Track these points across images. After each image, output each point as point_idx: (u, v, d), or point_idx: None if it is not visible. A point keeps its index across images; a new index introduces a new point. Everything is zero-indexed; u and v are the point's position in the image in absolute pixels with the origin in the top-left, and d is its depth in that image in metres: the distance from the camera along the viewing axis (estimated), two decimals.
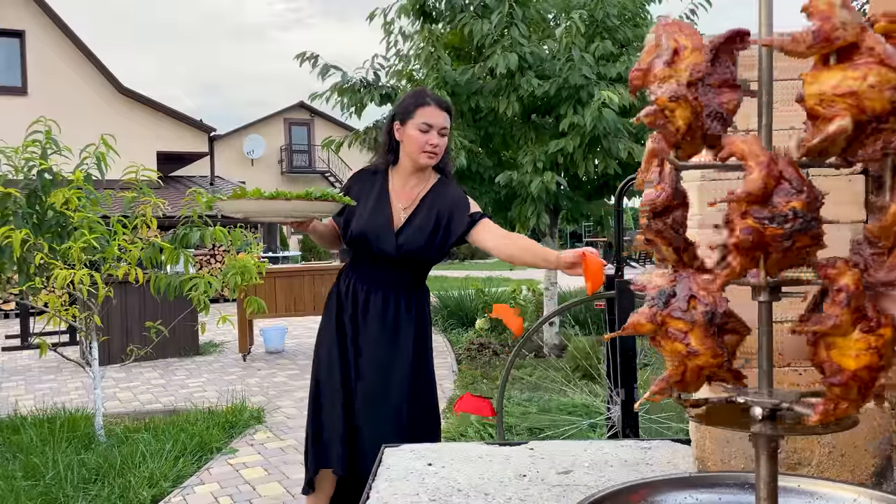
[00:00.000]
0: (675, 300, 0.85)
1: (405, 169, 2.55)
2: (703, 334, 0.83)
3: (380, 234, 2.49)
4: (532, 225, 7.42)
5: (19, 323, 9.98)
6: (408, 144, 2.50)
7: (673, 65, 0.82)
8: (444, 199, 2.55)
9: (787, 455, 1.20)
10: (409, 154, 2.51)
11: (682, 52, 0.82)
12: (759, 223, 0.76)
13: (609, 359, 3.34)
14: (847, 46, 0.72)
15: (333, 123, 29.15)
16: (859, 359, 0.76)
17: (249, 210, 2.20)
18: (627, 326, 0.88)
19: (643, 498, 1.08)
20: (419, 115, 2.48)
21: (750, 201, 0.76)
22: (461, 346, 8.69)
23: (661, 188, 0.89)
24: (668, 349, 0.86)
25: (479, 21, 7.10)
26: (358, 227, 2.49)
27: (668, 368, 0.88)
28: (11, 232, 4.42)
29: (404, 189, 2.56)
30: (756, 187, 0.76)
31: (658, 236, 0.89)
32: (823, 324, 0.77)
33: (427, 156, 2.48)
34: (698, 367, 0.86)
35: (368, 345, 2.54)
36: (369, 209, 2.52)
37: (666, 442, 1.58)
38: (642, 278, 0.90)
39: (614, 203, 3.77)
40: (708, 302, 0.84)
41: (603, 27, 7.46)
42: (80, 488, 4.14)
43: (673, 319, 0.85)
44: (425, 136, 2.47)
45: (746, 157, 0.78)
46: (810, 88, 0.74)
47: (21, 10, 16.35)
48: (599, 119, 6.58)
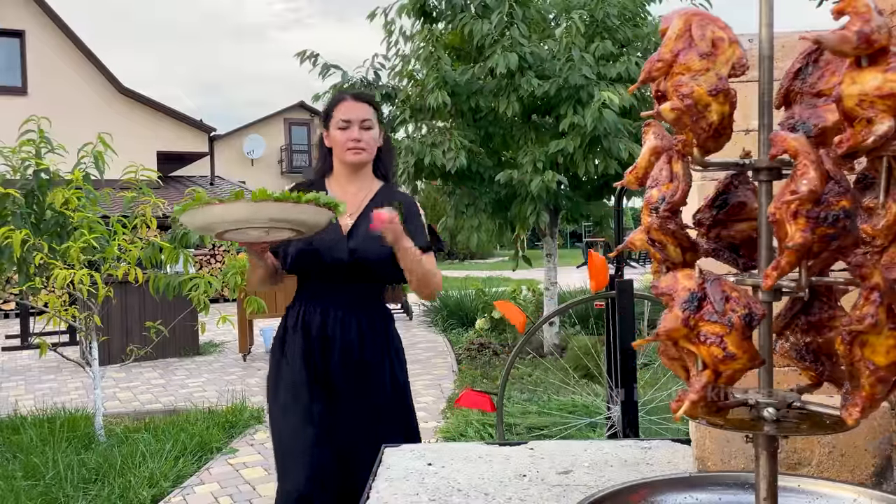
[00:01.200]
0: (709, 303, 0.81)
1: (341, 175, 2.36)
2: (741, 338, 0.81)
3: (331, 243, 2.23)
4: (532, 225, 7.42)
5: (19, 323, 9.98)
6: (334, 147, 2.34)
7: (710, 57, 0.79)
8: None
9: (787, 455, 1.20)
10: (338, 157, 2.35)
11: (721, 45, 0.79)
12: (812, 222, 0.75)
13: (609, 358, 3.34)
14: (879, 50, 0.72)
15: None
16: (889, 355, 0.77)
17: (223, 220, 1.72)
18: (661, 333, 0.83)
19: (643, 498, 1.08)
20: (337, 113, 2.32)
21: (804, 200, 0.74)
22: (461, 346, 8.69)
23: (673, 187, 0.85)
24: (703, 354, 0.82)
25: (479, 21, 7.10)
26: (305, 240, 2.13)
27: (703, 374, 0.83)
28: (11, 232, 4.42)
29: (345, 196, 2.30)
30: (816, 186, 0.74)
31: (669, 236, 0.86)
32: (862, 323, 0.77)
33: (352, 152, 2.29)
34: (734, 372, 0.83)
35: (337, 385, 2.24)
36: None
37: (666, 442, 1.58)
38: (667, 281, 0.85)
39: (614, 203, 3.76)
40: (745, 304, 0.82)
41: (603, 27, 7.46)
42: (80, 488, 4.14)
43: (708, 323, 0.81)
44: (346, 133, 2.29)
45: (799, 154, 0.76)
46: (850, 89, 0.73)
47: (21, 9, 16.34)
48: (600, 119, 6.58)
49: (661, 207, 0.84)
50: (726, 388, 0.93)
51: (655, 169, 0.87)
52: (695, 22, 0.80)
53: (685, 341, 0.83)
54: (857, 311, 0.77)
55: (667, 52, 0.80)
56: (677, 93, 0.79)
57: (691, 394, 0.83)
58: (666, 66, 0.80)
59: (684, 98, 0.79)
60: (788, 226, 0.76)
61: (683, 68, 0.79)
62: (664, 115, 0.81)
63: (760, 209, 0.87)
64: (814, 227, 0.75)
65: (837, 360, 0.92)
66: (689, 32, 0.79)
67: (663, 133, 0.86)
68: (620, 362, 3.00)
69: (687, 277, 0.84)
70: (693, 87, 0.78)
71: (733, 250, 0.95)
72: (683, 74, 0.79)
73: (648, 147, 0.87)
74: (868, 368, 0.78)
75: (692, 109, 0.79)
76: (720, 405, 0.89)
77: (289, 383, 2.26)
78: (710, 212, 0.95)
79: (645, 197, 0.87)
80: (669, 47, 0.80)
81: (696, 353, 0.83)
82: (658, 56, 0.81)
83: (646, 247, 0.90)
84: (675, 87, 0.79)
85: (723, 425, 0.88)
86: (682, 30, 0.80)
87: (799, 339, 0.90)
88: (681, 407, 0.85)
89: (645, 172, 0.88)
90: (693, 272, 0.85)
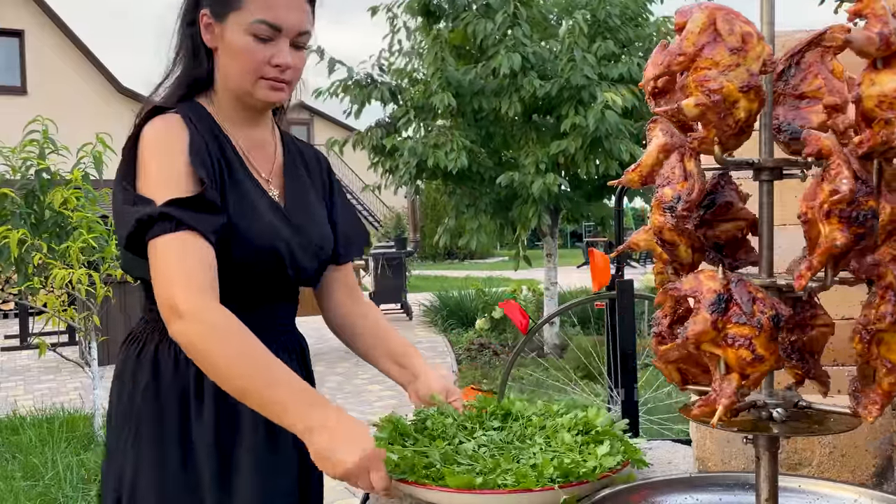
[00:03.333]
0: (735, 305, 0.80)
1: (233, 110, 1.38)
2: (768, 339, 0.80)
3: (297, 238, 1.39)
4: (533, 225, 7.42)
5: (18, 323, 9.98)
6: (232, 63, 1.31)
7: (740, 52, 0.76)
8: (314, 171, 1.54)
9: (787, 455, 1.20)
10: (231, 79, 1.33)
11: (750, 40, 0.77)
12: (846, 222, 0.74)
13: (609, 358, 3.34)
14: (894, 52, 0.72)
15: (333, 123, 29.11)
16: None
17: None
18: (690, 337, 0.80)
19: (644, 498, 1.07)
20: (253, 5, 1.28)
21: (844, 200, 0.73)
22: (461, 347, 8.69)
23: (688, 185, 0.81)
24: (729, 357, 0.80)
25: (482, 21, 7.10)
26: (260, 234, 1.33)
27: (732, 378, 0.81)
28: (9, 232, 4.41)
29: (253, 151, 1.42)
30: (854, 185, 0.73)
31: (684, 237, 0.83)
32: (882, 322, 0.77)
33: (270, 86, 1.32)
34: (760, 375, 0.81)
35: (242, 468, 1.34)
36: (248, 201, 1.35)
37: (666, 442, 1.57)
38: (691, 282, 0.82)
39: (615, 203, 3.76)
40: (771, 305, 0.81)
41: (605, 27, 7.46)
42: (79, 488, 4.13)
43: (736, 325, 0.79)
44: (266, 49, 1.29)
45: (833, 154, 0.75)
46: (870, 91, 0.73)
47: (20, 9, 16.35)
48: (602, 120, 6.58)
49: (677, 207, 0.81)
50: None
51: (666, 167, 0.83)
52: (720, 16, 0.77)
53: (710, 344, 0.81)
54: (873, 311, 0.77)
55: (689, 45, 0.77)
56: (702, 88, 0.76)
57: (723, 399, 0.81)
58: (688, 60, 0.77)
59: (712, 94, 0.75)
60: (822, 226, 0.75)
61: (710, 63, 0.76)
62: (686, 111, 0.77)
63: (761, 209, 0.87)
64: (847, 226, 0.74)
65: (819, 358, 0.92)
66: (714, 26, 0.76)
67: (672, 130, 0.83)
68: (620, 362, 2.99)
69: (710, 278, 0.81)
70: (723, 82, 0.75)
71: (717, 250, 0.95)
72: (710, 69, 0.76)
73: (657, 144, 0.84)
74: (885, 366, 0.78)
75: (720, 105, 0.76)
76: (737, 407, 0.88)
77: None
78: (696, 212, 0.94)
79: (656, 196, 0.83)
80: (692, 41, 0.76)
81: (722, 356, 0.81)
82: (679, 49, 0.77)
83: (650, 247, 0.87)
84: (701, 82, 0.76)
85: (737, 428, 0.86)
86: (705, 23, 0.76)
87: (784, 337, 0.89)
88: (704, 412, 0.83)
89: (650, 170, 0.85)
90: (715, 272, 0.82)
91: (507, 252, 11.00)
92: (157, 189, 1.25)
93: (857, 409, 0.82)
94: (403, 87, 7.78)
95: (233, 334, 1.19)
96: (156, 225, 1.22)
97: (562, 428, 1.36)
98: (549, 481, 1.12)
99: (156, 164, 1.28)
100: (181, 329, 1.19)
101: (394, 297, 11.26)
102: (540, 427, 1.38)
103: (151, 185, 1.26)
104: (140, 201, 1.26)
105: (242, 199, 1.35)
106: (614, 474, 1.18)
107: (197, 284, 1.20)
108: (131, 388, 1.38)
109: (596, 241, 20.65)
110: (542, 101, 7.25)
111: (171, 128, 1.31)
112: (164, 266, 1.22)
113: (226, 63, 1.34)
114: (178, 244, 1.22)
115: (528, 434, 1.36)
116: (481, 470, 1.17)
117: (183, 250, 1.21)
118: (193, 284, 1.20)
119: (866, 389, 0.82)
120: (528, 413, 1.45)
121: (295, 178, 1.47)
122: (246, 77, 1.32)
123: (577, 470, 1.14)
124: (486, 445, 1.31)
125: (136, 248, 1.26)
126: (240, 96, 1.36)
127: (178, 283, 1.19)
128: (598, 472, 1.15)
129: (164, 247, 1.22)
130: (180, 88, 1.39)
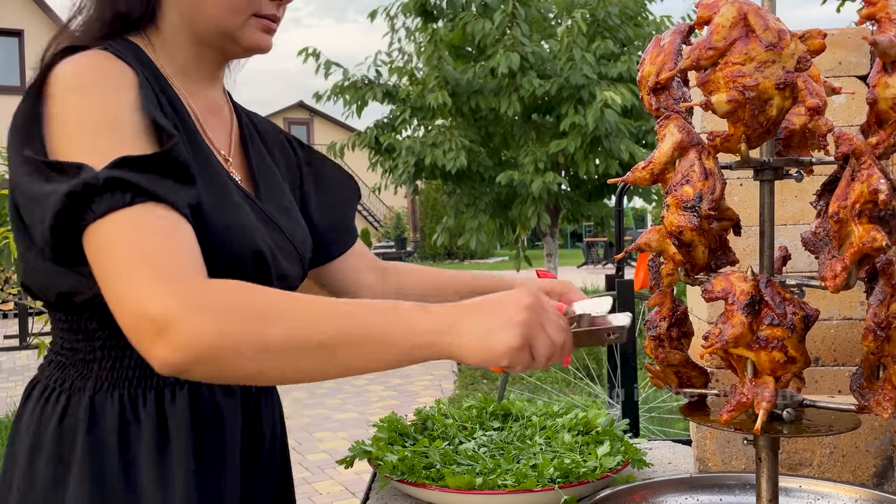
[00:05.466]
0: (767, 306, 0.78)
1: (182, 54, 0.99)
2: (799, 340, 0.79)
3: (276, 238, 1.01)
4: (532, 225, 7.42)
5: (18, 323, 9.98)
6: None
7: (776, 49, 0.74)
8: (276, 150, 1.16)
9: (787, 456, 1.20)
10: (205, 15, 0.95)
11: (784, 37, 0.75)
12: (876, 222, 0.73)
13: (609, 359, 3.33)
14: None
15: (333, 123, 29.13)
16: None
17: None
18: (730, 341, 0.78)
19: (644, 498, 1.07)
20: None
21: (881, 200, 0.72)
22: None
23: (710, 184, 0.79)
24: (762, 359, 0.79)
25: (480, 20, 7.11)
26: (241, 232, 0.93)
27: (768, 380, 0.80)
28: (9, 233, 4.42)
29: (209, 115, 1.03)
30: (890, 185, 0.72)
31: (705, 237, 0.81)
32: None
33: (264, 26, 0.98)
34: (791, 376, 0.80)
35: None
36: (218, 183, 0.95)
37: (666, 442, 1.57)
38: (722, 283, 0.80)
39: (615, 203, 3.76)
40: (800, 305, 0.79)
41: (604, 26, 7.47)
42: None
43: (769, 327, 0.78)
44: None
45: (864, 154, 0.74)
46: (885, 93, 0.74)
47: (20, 9, 16.35)
48: (601, 119, 6.59)
49: (701, 206, 0.78)
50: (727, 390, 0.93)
51: (684, 164, 0.80)
52: (752, 11, 0.74)
53: (742, 348, 0.79)
54: (883, 308, 0.77)
55: (720, 39, 0.74)
56: (736, 84, 0.74)
57: (763, 403, 0.79)
58: (717, 54, 0.75)
59: (747, 90, 0.73)
60: (854, 226, 0.74)
61: (744, 58, 0.73)
62: (717, 108, 0.75)
63: (763, 209, 0.87)
64: (881, 226, 0.74)
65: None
66: (745, 21, 0.74)
67: (688, 127, 0.81)
68: (620, 362, 2.99)
69: (741, 279, 0.80)
70: (758, 78, 0.73)
71: None
72: (744, 65, 0.73)
73: (673, 141, 0.80)
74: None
75: (755, 102, 0.74)
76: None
77: None
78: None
79: (674, 194, 0.79)
80: (722, 35, 0.74)
81: (753, 359, 0.79)
82: (709, 43, 0.74)
83: (663, 247, 0.85)
84: (734, 77, 0.74)
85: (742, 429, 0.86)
86: (735, 18, 0.74)
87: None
88: (734, 416, 0.82)
89: (662, 168, 0.82)
90: (744, 273, 0.81)
91: (507, 252, 10.98)
92: (90, 148, 0.79)
93: (869, 406, 0.82)
94: (402, 86, 7.79)
95: (255, 296, 0.76)
96: (97, 199, 0.76)
97: (562, 428, 1.36)
98: (549, 481, 1.12)
99: (83, 113, 0.82)
100: (176, 345, 0.72)
101: None
102: (540, 427, 1.38)
103: (77, 144, 0.80)
104: (61, 170, 0.79)
105: (212, 181, 0.92)
106: (614, 474, 1.17)
107: (171, 269, 0.75)
108: (48, 476, 0.89)
109: (596, 242, 20.64)
110: (542, 100, 7.25)
111: (102, 63, 0.86)
112: (117, 258, 0.75)
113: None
114: (135, 221, 0.77)
115: (528, 434, 1.36)
116: (481, 470, 1.17)
117: (145, 228, 0.77)
118: (166, 271, 0.74)
119: (874, 386, 0.81)
120: (528, 413, 1.45)
121: (260, 159, 1.09)
122: (236, 12, 0.95)
123: (577, 470, 1.14)
124: (486, 446, 1.31)
125: (63, 243, 0.79)
126: (211, 40, 0.97)
127: (142, 277, 0.74)
128: (598, 472, 1.14)
129: (113, 229, 0.76)
130: (101, 26, 0.94)
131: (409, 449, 1.27)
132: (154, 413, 0.90)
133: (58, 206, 0.76)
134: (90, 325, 0.91)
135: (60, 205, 0.76)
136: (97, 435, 0.88)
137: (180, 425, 0.90)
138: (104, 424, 0.89)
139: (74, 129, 0.81)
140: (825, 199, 0.88)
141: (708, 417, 0.92)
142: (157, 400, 0.90)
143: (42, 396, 0.94)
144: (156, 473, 0.88)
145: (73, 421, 0.89)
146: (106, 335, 0.91)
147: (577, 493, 1.12)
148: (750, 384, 0.81)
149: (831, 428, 0.85)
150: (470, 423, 1.42)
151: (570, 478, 1.13)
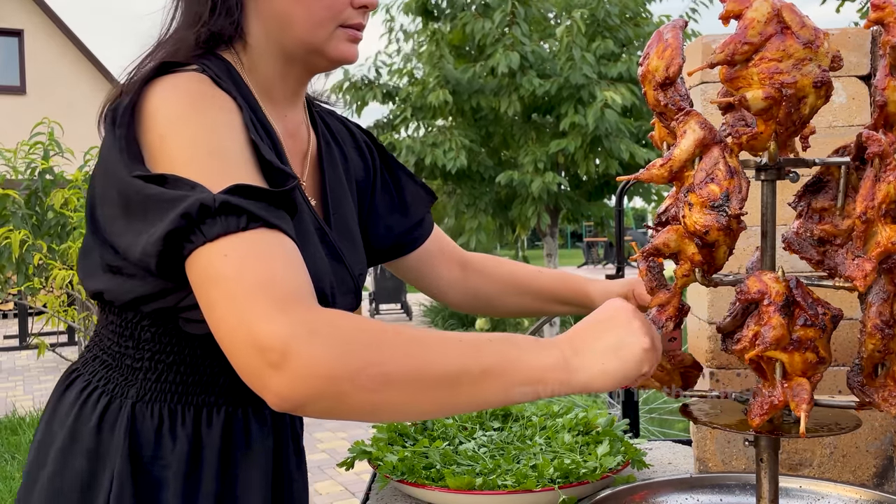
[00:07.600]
0: (798, 307, 0.77)
1: (269, 71, 0.97)
2: (827, 340, 0.78)
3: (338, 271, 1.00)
4: (532, 225, 7.43)
5: (18, 323, 9.98)
6: (293, 3, 0.92)
7: (812, 46, 0.73)
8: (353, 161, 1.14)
9: (788, 456, 1.20)
10: (294, 29, 0.93)
11: (819, 35, 0.74)
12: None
13: None
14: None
15: None
16: None
17: None
18: (771, 344, 0.76)
19: (644, 499, 1.07)
20: None
21: (892, 201, 0.72)
22: None
23: (736, 182, 0.77)
24: (794, 360, 0.77)
25: (480, 20, 7.11)
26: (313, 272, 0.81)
27: (803, 382, 0.78)
28: (10, 233, 4.42)
29: (287, 134, 1.01)
30: None
31: (730, 237, 0.79)
32: None
33: (351, 36, 0.95)
34: (819, 377, 0.79)
35: None
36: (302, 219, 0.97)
37: (666, 442, 1.57)
38: (757, 284, 0.78)
39: (615, 203, 3.76)
40: (827, 305, 0.78)
41: (604, 26, 7.47)
42: None
43: (802, 328, 0.76)
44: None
45: (890, 154, 0.73)
46: (895, 95, 0.73)
47: (19, 9, 16.35)
48: (601, 119, 6.59)
49: (729, 205, 0.76)
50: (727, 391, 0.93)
51: (707, 162, 0.78)
52: (787, 7, 0.73)
53: (776, 350, 0.78)
54: (888, 306, 0.77)
55: (755, 34, 0.73)
56: (773, 81, 0.72)
57: (803, 405, 0.78)
58: (752, 49, 0.73)
59: (784, 87, 0.72)
60: (881, 226, 0.73)
61: (781, 55, 0.72)
62: (751, 105, 0.74)
63: (765, 208, 0.86)
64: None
65: None
66: (779, 18, 0.73)
67: (709, 124, 0.79)
68: None
69: (774, 280, 0.78)
70: (797, 76, 0.72)
71: None
72: (781, 61, 0.72)
73: (695, 138, 0.78)
74: None
75: (791, 100, 0.73)
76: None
77: None
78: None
79: (699, 193, 0.77)
80: (757, 30, 0.73)
81: (785, 361, 0.78)
82: (745, 38, 0.73)
83: (681, 248, 0.82)
84: (771, 74, 0.72)
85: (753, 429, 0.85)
86: (770, 13, 0.73)
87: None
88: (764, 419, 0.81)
89: (682, 165, 0.79)
90: (776, 274, 0.79)
91: (508, 252, 10.98)
92: (195, 174, 0.77)
93: (875, 403, 0.81)
94: (402, 86, 7.79)
95: (374, 325, 0.73)
96: (209, 221, 0.73)
97: (562, 428, 1.36)
98: (549, 482, 1.12)
99: (188, 138, 0.80)
100: (295, 376, 0.67)
101: (394, 297, 11.27)
102: (540, 427, 1.38)
103: (183, 169, 0.78)
104: (177, 184, 0.77)
105: (298, 217, 0.89)
106: (614, 475, 1.17)
107: (287, 296, 0.71)
108: (84, 471, 0.91)
109: (596, 242, 20.63)
110: (542, 100, 7.26)
111: (205, 91, 0.84)
112: (230, 285, 0.71)
113: (285, 5, 0.91)
114: (249, 246, 0.74)
115: (528, 434, 1.36)
116: (481, 471, 1.17)
117: (259, 254, 0.74)
118: (282, 299, 0.70)
119: (875, 383, 0.81)
120: (528, 413, 1.45)
121: (335, 180, 1.05)
122: (323, 25, 0.92)
123: (577, 470, 1.14)
124: (486, 446, 1.31)
125: (168, 258, 0.76)
126: (297, 55, 0.95)
127: (258, 306, 0.70)
128: (598, 472, 1.14)
129: (222, 255, 0.73)
130: (194, 45, 0.91)
131: (409, 449, 1.27)
132: (190, 432, 0.90)
133: (171, 225, 0.73)
134: (143, 335, 0.90)
135: (173, 225, 0.73)
136: (135, 441, 0.89)
137: (213, 445, 0.91)
138: (142, 433, 0.89)
139: (179, 154, 0.79)
140: (806, 199, 0.87)
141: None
142: (194, 418, 0.91)
143: (84, 392, 0.94)
144: (181, 489, 0.89)
145: (112, 423, 0.90)
146: (157, 348, 0.90)
147: (577, 493, 1.12)
148: (781, 386, 0.79)
149: (834, 427, 0.85)
150: (470, 423, 1.42)
151: (570, 478, 1.13)
